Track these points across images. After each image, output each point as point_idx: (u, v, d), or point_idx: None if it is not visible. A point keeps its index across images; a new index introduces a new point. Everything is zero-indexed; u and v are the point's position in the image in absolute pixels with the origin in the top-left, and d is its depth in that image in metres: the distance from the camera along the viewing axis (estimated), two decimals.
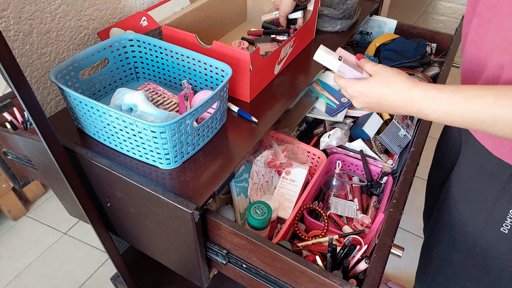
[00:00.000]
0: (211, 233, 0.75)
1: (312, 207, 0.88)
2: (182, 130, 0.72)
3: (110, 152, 0.80)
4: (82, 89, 0.85)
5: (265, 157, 0.89)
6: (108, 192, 0.82)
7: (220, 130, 0.86)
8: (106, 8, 1.03)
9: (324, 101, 1.11)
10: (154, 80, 0.98)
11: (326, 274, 0.63)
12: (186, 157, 0.78)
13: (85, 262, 1.55)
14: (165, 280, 1.27)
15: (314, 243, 0.81)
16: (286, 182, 0.90)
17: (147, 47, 0.92)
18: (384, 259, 0.65)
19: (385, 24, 1.37)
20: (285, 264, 0.67)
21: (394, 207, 0.74)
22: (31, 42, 0.89)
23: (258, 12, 1.29)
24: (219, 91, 0.76)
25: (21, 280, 1.49)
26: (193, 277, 0.84)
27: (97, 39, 1.04)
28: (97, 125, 0.77)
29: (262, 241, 0.67)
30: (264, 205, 0.77)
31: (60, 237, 1.65)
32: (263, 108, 0.92)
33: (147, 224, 0.81)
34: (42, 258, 1.57)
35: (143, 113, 0.77)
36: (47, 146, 0.68)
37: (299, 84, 1.01)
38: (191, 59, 0.88)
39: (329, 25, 1.21)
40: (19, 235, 1.65)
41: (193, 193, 0.72)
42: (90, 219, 0.85)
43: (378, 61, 1.27)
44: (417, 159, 0.86)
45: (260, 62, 0.91)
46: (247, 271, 0.75)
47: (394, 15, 3.24)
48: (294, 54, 1.09)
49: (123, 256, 1.01)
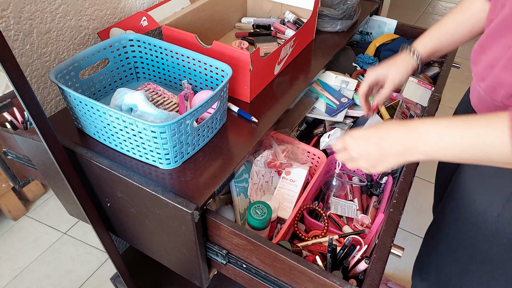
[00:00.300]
0: (211, 233, 0.75)
1: (312, 207, 0.88)
2: (182, 130, 0.72)
3: (110, 152, 0.80)
4: (82, 89, 0.85)
5: (265, 157, 0.89)
6: (108, 192, 0.82)
7: (220, 130, 0.86)
8: (106, 8, 1.03)
9: (324, 101, 1.11)
10: (154, 80, 0.98)
11: (326, 274, 0.63)
12: (186, 157, 0.78)
13: (85, 262, 1.55)
14: (165, 280, 1.27)
15: (314, 243, 0.81)
16: (286, 182, 0.90)
17: (147, 47, 0.92)
18: (384, 259, 0.66)
19: (385, 24, 1.37)
20: (285, 264, 0.67)
21: (394, 207, 0.74)
22: (31, 42, 0.89)
23: (258, 12, 1.29)
24: (219, 91, 0.76)
25: (21, 280, 1.49)
26: (193, 277, 0.84)
27: (97, 39, 1.04)
28: (97, 125, 0.77)
29: (262, 241, 0.67)
30: (264, 205, 0.77)
31: (60, 237, 1.65)
32: (263, 108, 0.92)
33: (147, 224, 0.81)
34: (42, 258, 1.57)
35: (143, 113, 0.77)
36: (47, 146, 0.68)
37: (299, 84, 1.01)
38: (191, 59, 0.88)
39: (329, 25, 1.21)
40: (19, 235, 1.65)
41: (193, 193, 0.72)
42: (90, 219, 0.85)
43: (378, 61, 1.27)
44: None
45: (260, 62, 0.91)
46: (247, 271, 0.75)
47: (394, 15, 3.24)
48: (294, 54, 1.09)
49: (123, 256, 1.00)
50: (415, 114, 1.09)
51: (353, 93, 1.13)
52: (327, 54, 1.13)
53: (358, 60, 1.28)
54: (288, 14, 1.21)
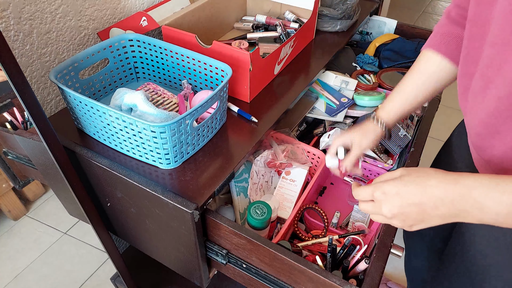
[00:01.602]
0: (211, 233, 0.75)
1: (312, 207, 0.88)
2: (182, 130, 0.72)
3: (110, 152, 0.80)
4: (82, 89, 0.85)
5: (265, 157, 0.89)
6: (108, 192, 0.82)
7: (220, 130, 0.86)
8: (106, 8, 1.03)
9: (324, 101, 1.11)
10: (154, 80, 0.98)
11: (326, 274, 0.63)
12: (186, 157, 0.78)
13: (85, 262, 1.55)
14: (165, 280, 1.27)
15: (314, 243, 0.81)
16: (286, 182, 0.90)
17: (147, 47, 0.92)
18: (384, 259, 0.66)
19: (385, 24, 1.37)
20: (285, 264, 0.67)
21: None
22: (31, 42, 0.89)
23: (258, 12, 1.29)
24: (219, 91, 0.77)
25: (21, 280, 1.49)
26: (193, 277, 0.84)
27: (97, 39, 1.04)
28: (97, 125, 0.77)
29: (262, 241, 0.67)
30: (264, 205, 0.77)
31: (60, 237, 1.64)
32: (263, 108, 0.92)
33: (147, 224, 0.81)
34: (42, 258, 1.56)
35: (143, 113, 0.77)
36: (47, 146, 0.68)
37: (299, 84, 1.01)
38: (191, 59, 0.88)
39: (329, 25, 1.21)
40: (19, 235, 1.65)
41: (193, 193, 0.72)
42: (90, 219, 0.85)
43: (378, 61, 1.27)
44: (417, 159, 0.86)
45: (260, 62, 0.91)
46: (247, 271, 0.75)
47: (394, 15, 3.24)
48: (294, 54, 1.09)
49: (123, 256, 1.01)
50: (415, 114, 1.10)
51: (353, 93, 1.13)
52: (327, 54, 1.13)
53: (358, 60, 1.28)
54: (288, 14, 1.21)
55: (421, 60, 0.74)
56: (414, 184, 0.49)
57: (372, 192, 0.53)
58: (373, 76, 1.20)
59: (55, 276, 1.50)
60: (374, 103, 1.08)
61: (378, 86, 1.16)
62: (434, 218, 0.49)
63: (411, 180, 0.50)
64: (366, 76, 1.21)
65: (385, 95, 1.10)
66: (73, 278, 1.50)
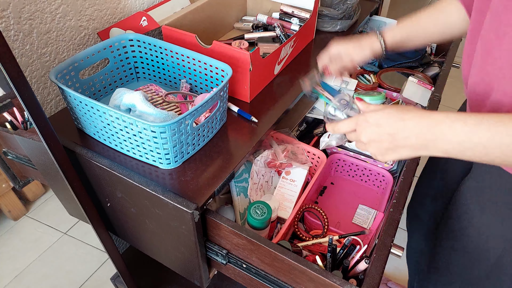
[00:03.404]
0: (211, 233, 0.75)
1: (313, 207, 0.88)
2: (182, 130, 0.72)
3: (110, 152, 0.80)
4: (82, 89, 0.85)
5: (265, 157, 0.89)
6: (108, 192, 0.82)
7: (220, 130, 0.86)
8: (106, 8, 1.03)
9: (324, 101, 1.11)
10: (154, 80, 0.98)
11: (326, 274, 0.63)
12: (186, 157, 0.78)
13: (85, 262, 1.55)
14: (165, 280, 1.27)
15: (314, 243, 0.81)
16: (286, 182, 0.90)
17: (147, 47, 0.92)
18: (384, 259, 0.65)
19: (385, 24, 1.37)
20: (285, 264, 0.67)
21: (394, 207, 0.74)
22: (31, 42, 0.89)
23: (258, 12, 1.29)
24: (219, 91, 0.76)
25: (21, 280, 1.49)
26: (193, 277, 0.84)
27: (97, 39, 1.04)
28: (97, 125, 0.77)
29: (262, 241, 0.67)
30: (264, 205, 0.77)
31: (60, 237, 1.65)
32: (263, 108, 0.92)
33: (147, 224, 0.81)
34: (42, 258, 1.56)
35: (142, 113, 0.77)
36: (47, 146, 0.68)
37: (299, 84, 1.00)
38: (191, 59, 0.88)
39: (329, 25, 1.21)
40: (19, 235, 1.65)
41: (193, 193, 0.72)
42: (90, 219, 0.85)
43: (378, 61, 1.27)
44: (417, 159, 0.86)
45: (260, 62, 0.91)
46: (247, 271, 0.75)
47: (394, 15, 3.24)
48: (294, 54, 1.09)
49: (123, 256, 1.00)
50: None
51: (353, 93, 1.13)
52: None
53: None
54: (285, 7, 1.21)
55: (443, 2, 0.78)
56: (393, 117, 0.55)
57: (357, 121, 0.60)
58: (373, 76, 1.20)
59: (55, 276, 1.50)
60: (374, 103, 1.08)
61: (378, 86, 1.16)
62: (405, 148, 0.55)
63: (392, 112, 0.56)
64: (366, 76, 1.21)
65: (385, 95, 1.10)
66: (73, 278, 1.50)
